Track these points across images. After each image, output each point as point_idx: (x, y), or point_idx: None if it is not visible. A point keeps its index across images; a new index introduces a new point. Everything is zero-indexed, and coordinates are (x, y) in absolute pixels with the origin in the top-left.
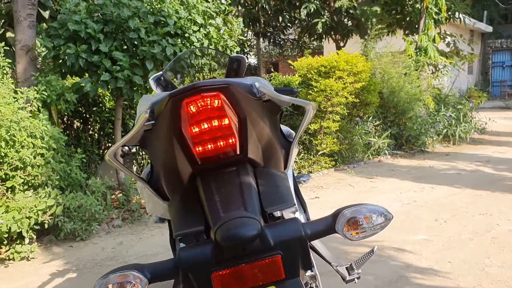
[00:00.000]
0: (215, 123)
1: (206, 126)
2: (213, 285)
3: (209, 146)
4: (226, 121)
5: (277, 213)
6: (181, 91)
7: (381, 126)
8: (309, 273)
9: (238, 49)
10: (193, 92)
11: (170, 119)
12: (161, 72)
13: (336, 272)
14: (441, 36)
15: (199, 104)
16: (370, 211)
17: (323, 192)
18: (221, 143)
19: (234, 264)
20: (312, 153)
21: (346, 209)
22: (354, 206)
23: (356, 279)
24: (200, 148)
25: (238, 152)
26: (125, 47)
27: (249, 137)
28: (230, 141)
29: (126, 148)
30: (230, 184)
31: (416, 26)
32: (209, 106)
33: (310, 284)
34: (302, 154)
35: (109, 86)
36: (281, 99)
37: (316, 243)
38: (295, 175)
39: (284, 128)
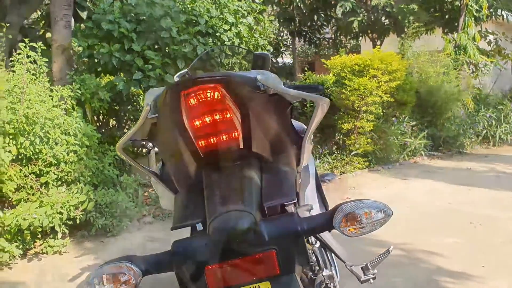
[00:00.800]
0: (217, 116)
1: (208, 119)
2: (206, 279)
3: (212, 140)
4: (228, 115)
5: (290, 210)
6: (178, 83)
7: (418, 126)
8: (326, 272)
9: (270, 48)
10: (190, 84)
11: (170, 112)
12: (186, 70)
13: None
14: (482, 34)
15: (198, 97)
16: (369, 206)
17: (355, 192)
18: (224, 136)
19: (228, 258)
20: (345, 153)
21: (344, 204)
22: (353, 201)
23: (371, 279)
24: (203, 142)
25: (241, 146)
26: (157, 46)
27: (253, 131)
28: (233, 135)
29: (150, 144)
30: (231, 178)
31: (456, 24)
32: (209, 99)
33: (327, 283)
34: (335, 154)
35: (141, 85)
36: (287, 93)
37: (331, 241)
38: (321, 173)
39: (297, 124)
